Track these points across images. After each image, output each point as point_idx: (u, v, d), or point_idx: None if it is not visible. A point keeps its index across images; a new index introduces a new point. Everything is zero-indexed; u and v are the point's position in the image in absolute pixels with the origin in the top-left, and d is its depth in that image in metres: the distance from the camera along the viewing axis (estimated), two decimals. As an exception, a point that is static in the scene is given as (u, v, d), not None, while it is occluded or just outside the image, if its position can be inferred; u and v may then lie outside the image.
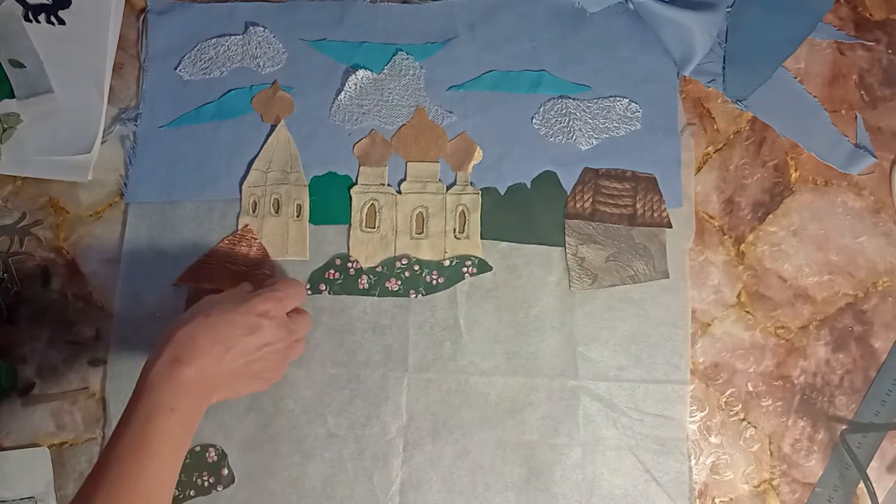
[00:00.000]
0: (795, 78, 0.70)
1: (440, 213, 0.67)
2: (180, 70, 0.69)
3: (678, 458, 0.65)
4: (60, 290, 0.66)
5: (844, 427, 0.66)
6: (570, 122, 0.68)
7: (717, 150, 0.69)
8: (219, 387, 0.54)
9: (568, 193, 0.68)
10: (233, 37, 0.70)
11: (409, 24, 0.70)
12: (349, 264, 0.67)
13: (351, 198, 0.67)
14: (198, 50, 0.70)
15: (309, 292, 0.66)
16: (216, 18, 0.70)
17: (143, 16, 0.70)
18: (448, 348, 0.66)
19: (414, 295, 0.66)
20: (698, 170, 0.69)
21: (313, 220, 0.67)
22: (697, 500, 0.65)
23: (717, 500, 0.65)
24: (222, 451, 0.64)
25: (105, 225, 0.67)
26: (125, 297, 0.66)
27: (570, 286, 0.66)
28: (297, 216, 0.67)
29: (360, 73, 0.69)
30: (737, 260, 0.68)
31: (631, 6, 0.70)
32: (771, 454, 0.66)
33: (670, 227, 0.67)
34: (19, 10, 0.69)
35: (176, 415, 0.50)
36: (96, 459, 0.61)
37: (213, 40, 0.70)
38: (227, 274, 0.65)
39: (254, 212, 0.67)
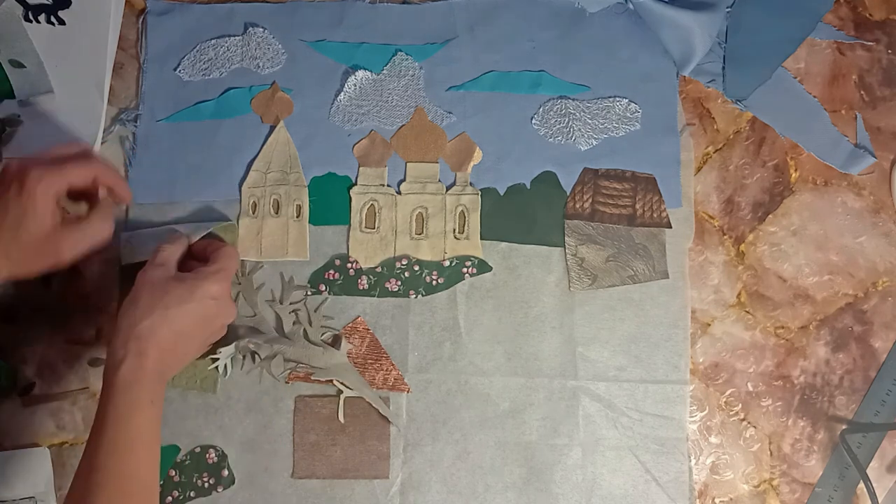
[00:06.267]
0: (795, 78, 0.70)
1: (440, 214, 0.67)
2: (180, 71, 0.69)
3: (678, 458, 0.65)
4: (60, 290, 0.66)
5: (844, 427, 0.66)
6: (570, 123, 0.68)
7: (716, 150, 0.69)
8: (173, 367, 0.57)
9: (567, 194, 0.68)
10: (232, 38, 0.70)
11: (409, 24, 0.70)
12: (349, 265, 0.67)
13: (350, 198, 0.68)
14: (197, 51, 0.70)
15: (308, 293, 0.66)
16: (215, 19, 0.70)
17: (142, 16, 0.70)
18: (448, 349, 0.66)
19: (414, 295, 0.66)
20: (698, 170, 0.69)
21: (313, 220, 0.67)
22: (697, 500, 0.65)
23: (717, 500, 0.65)
24: (222, 451, 0.64)
25: (105, 225, 0.67)
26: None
27: (569, 286, 0.66)
28: (297, 217, 0.67)
29: (360, 73, 0.69)
30: (737, 260, 0.68)
31: (631, 6, 0.70)
32: (771, 454, 0.66)
33: (670, 227, 0.67)
34: (19, 10, 0.69)
35: (154, 406, 0.53)
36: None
37: (213, 41, 0.70)
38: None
39: (253, 213, 0.67)
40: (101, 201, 0.59)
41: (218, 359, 0.63)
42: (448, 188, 0.68)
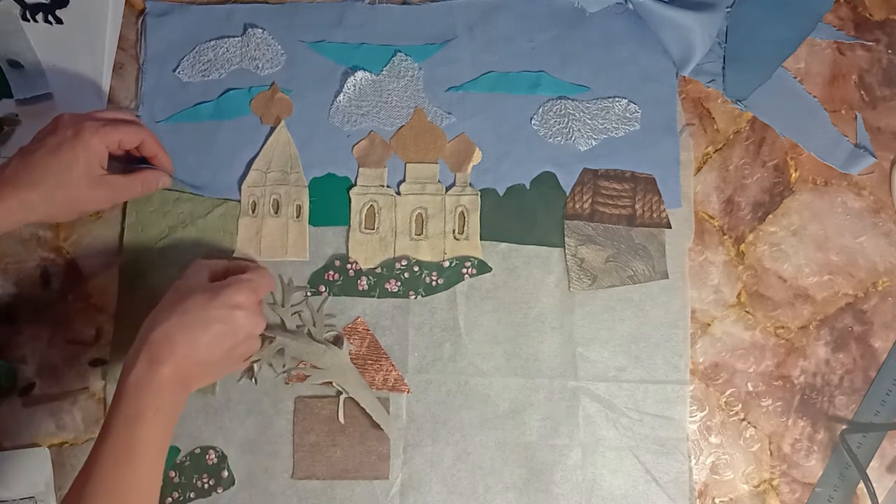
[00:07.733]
0: (795, 78, 0.70)
1: (439, 215, 0.67)
2: (179, 72, 0.69)
3: (678, 458, 0.65)
4: (60, 290, 0.66)
5: (844, 427, 0.66)
6: (569, 123, 0.68)
7: (716, 150, 0.69)
8: (196, 377, 0.55)
9: (567, 194, 0.68)
10: (231, 38, 0.70)
11: (408, 25, 0.70)
12: (348, 265, 0.67)
13: (350, 199, 0.67)
14: (196, 52, 0.69)
15: (309, 294, 0.66)
16: (215, 20, 0.70)
17: (142, 17, 0.70)
18: (448, 349, 0.66)
19: (413, 296, 0.66)
20: (698, 170, 0.69)
21: (312, 221, 0.67)
22: (697, 500, 0.65)
23: (717, 500, 0.65)
24: (222, 452, 0.64)
25: (105, 225, 0.67)
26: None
27: (569, 287, 0.66)
28: (297, 217, 0.67)
29: (359, 74, 0.69)
30: (737, 260, 0.68)
31: (630, 6, 0.70)
32: (771, 454, 0.66)
33: (669, 227, 0.67)
34: (17, 9, 0.69)
35: (160, 416, 0.51)
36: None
37: (212, 42, 0.70)
38: None
39: (253, 212, 0.67)
40: (148, 170, 0.63)
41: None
42: (448, 189, 0.68)
